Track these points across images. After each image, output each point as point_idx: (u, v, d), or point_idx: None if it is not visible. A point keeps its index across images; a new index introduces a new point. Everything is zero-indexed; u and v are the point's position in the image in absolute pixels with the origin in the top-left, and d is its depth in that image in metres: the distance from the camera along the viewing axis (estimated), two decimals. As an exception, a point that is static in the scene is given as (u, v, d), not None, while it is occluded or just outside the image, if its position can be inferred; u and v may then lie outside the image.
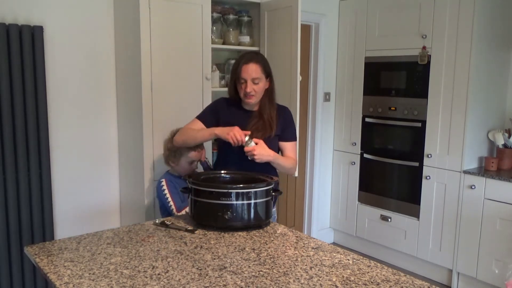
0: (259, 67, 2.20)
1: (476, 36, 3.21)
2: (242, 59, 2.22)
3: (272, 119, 2.27)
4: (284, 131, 2.33)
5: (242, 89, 2.21)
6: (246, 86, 2.19)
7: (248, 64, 2.18)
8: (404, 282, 1.48)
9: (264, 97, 2.28)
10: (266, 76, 2.24)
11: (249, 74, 2.18)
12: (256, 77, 2.19)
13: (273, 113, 2.28)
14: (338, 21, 4.15)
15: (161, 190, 2.48)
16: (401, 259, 3.83)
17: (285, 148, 2.35)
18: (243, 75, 2.18)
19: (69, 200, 3.00)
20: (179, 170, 2.53)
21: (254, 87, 2.20)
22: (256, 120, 2.26)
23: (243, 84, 2.20)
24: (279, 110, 2.34)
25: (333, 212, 4.37)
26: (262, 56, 2.32)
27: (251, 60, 2.20)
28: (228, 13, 3.35)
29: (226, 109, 2.33)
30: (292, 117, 2.41)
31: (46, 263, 1.59)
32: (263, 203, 1.97)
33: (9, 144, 2.62)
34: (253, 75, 2.18)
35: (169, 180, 2.51)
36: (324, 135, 4.21)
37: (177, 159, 2.52)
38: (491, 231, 3.17)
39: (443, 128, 3.43)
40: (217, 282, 1.45)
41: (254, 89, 2.20)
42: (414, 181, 3.67)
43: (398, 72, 3.71)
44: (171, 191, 2.46)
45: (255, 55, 2.24)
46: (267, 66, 2.25)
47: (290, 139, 2.36)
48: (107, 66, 3.08)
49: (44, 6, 2.76)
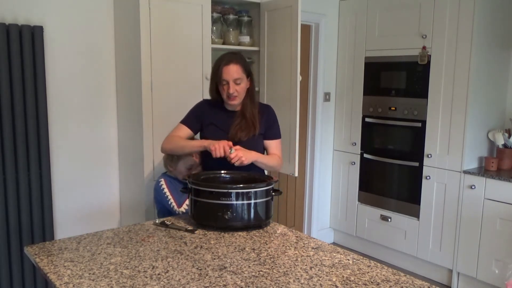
0: (239, 68, 2.20)
1: (476, 36, 3.21)
2: (222, 60, 2.21)
3: (255, 118, 2.27)
4: (268, 129, 2.34)
5: (225, 90, 2.21)
6: (228, 87, 2.19)
7: (228, 65, 2.18)
8: (404, 282, 1.48)
9: (246, 97, 2.28)
10: (247, 75, 2.24)
11: (231, 75, 2.17)
12: (237, 77, 2.19)
13: (255, 112, 2.28)
14: (338, 21, 4.16)
15: (161, 190, 2.47)
16: (401, 259, 3.83)
17: (269, 146, 2.37)
18: (225, 76, 2.18)
19: (69, 200, 3.00)
20: (177, 174, 2.51)
21: (237, 88, 2.20)
22: (239, 119, 2.27)
23: (225, 86, 2.20)
24: (261, 108, 2.34)
25: (333, 212, 4.37)
26: (241, 55, 2.30)
27: (231, 61, 2.19)
28: (228, 13, 3.35)
29: (209, 111, 2.34)
30: (275, 115, 2.41)
31: (46, 263, 1.59)
32: (263, 203, 1.97)
33: (9, 144, 2.62)
34: (235, 76, 2.18)
35: (167, 180, 2.52)
36: (324, 135, 4.21)
37: (175, 163, 2.50)
38: (491, 231, 3.17)
39: (443, 128, 3.43)
40: (217, 282, 1.45)
41: (236, 89, 2.20)
42: (414, 181, 3.67)
43: (398, 72, 3.71)
44: (170, 189, 2.46)
45: (234, 56, 2.23)
46: (247, 66, 2.25)
47: (274, 137, 2.37)
48: (107, 66, 3.08)
49: (44, 6, 2.77)
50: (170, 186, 2.48)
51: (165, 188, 2.45)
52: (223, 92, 2.23)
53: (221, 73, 2.18)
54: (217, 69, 2.21)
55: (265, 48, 3.44)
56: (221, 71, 2.18)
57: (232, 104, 2.25)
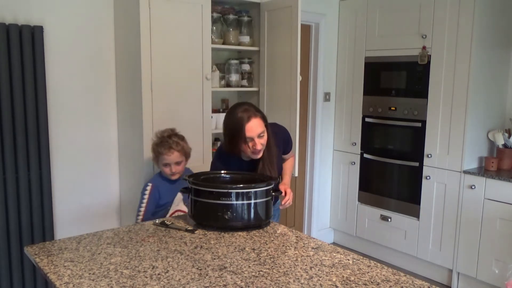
0: (260, 120, 2.11)
1: (476, 36, 3.21)
2: (242, 119, 2.06)
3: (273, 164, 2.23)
4: (285, 148, 2.43)
5: (249, 148, 2.10)
6: (254, 143, 2.09)
7: (250, 121, 2.06)
8: (404, 282, 1.48)
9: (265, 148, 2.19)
10: (265, 125, 2.15)
11: (255, 132, 2.07)
12: (261, 131, 2.10)
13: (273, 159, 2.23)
14: (338, 21, 4.15)
15: (143, 192, 2.49)
16: (401, 259, 3.83)
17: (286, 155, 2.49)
18: (249, 134, 2.06)
19: (69, 200, 3.00)
20: (162, 172, 2.58)
21: (261, 141, 2.11)
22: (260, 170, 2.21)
23: (251, 143, 2.10)
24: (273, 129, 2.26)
25: (333, 212, 4.37)
26: (253, 104, 2.18)
27: (251, 117, 2.08)
28: (228, 13, 3.35)
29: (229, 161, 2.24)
30: (289, 133, 2.44)
31: (46, 263, 1.59)
32: (263, 203, 1.97)
33: (9, 144, 2.62)
34: (259, 131, 2.09)
35: (156, 186, 2.51)
36: (324, 135, 4.21)
37: (155, 161, 2.60)
38: (491, 231, 3.17)
39: (443, 128, 3.43)
40: (217, 282, 1.45)
41: (261, 143, 2.11)
42: (414, 181, 3.67)
43: (398, 72, 3.71)
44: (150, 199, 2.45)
45: (251, 109, 2.11)
46: (263, 115, 2.16)
47: (290, 151, 2.50)
48: (107, 66, 3.07)
49: (44, 6, 2.76)
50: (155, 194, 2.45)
51: (147, 195, 2.43)
52: (246, 149, 2.12)
53: (245, 132, 2.06)
54: (239, 127, 2.06)
55: (265, 48, 3.44)
56: (244, 130, 2.05)
57: (256, 158, 2.16)
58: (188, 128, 2.95)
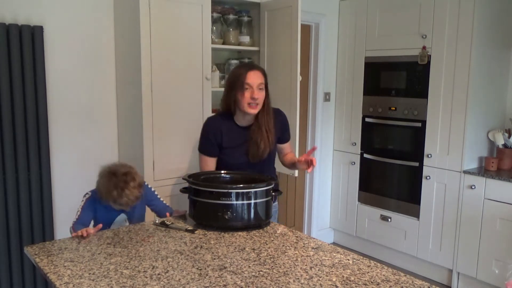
0: (262, 74, 2.19)
1: (476, 36, 3.21)
2: (244, 66, 2.24)
3: (270, 131, 2.23)
4: (283, 134, 2.39)
5: (247, 97, 2.13)
6: (252, 92, 2.13)
7: (252, 70, 2.16)
8: (404, 282, 1.48)
9: (262, 110, 2.22)
10: (266, 85, 2.21)
11: (255, 80, 2.14)
12: (261, 82, 2.16)
13: (271, 126, 2.24)
14: (338, 21, 4.16)
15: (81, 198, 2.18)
16: (401, 259, 3.83)
17: (284, 147, 2.45)
18: (249, 80, 2.13)
19: (69, 200, 2.99)
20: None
21: (260, 94, 2.16)
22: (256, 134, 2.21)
23: (248, 91, 2.13)
24: (274, 113, 2.30)
25: (333, 212, 4.37)
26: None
27: (254, 67, 2.20)
28: (228, 13, 3.35)
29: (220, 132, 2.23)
30: (287, 119, 2.45)
31: (46, 263, 1.59)
32: (263, 203, 1.97)
33: (9, 144, 2.62)
34: (259, 81, 2.15)
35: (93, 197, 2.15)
36: (324, 135, 4.21)
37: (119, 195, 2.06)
38: (491, 231, 3.17)
39: (443, 128, 3.43)
40: (217, 282, 1.45)
41: (260, 96, 2.15)
42: (414, 181, 3.67)
43: (398, 72, 3.71)
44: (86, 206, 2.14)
45: (254, 64, 2.26)
46: (266, 75, 2.23)
47: (289, 139, 2.46)
48: (107, 66, 3.07)
49: (44, 6, 2.76)
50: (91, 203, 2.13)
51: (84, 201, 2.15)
52: (243, 100, 2.14)
53: (245, 78, 2.12)
54: (239, 74, 2.15)
55: (265, 48, 3.44)
56: (245, 75, 2.13)
57: (251, 112, 2.17)
58: (188, 128, 2.96)
